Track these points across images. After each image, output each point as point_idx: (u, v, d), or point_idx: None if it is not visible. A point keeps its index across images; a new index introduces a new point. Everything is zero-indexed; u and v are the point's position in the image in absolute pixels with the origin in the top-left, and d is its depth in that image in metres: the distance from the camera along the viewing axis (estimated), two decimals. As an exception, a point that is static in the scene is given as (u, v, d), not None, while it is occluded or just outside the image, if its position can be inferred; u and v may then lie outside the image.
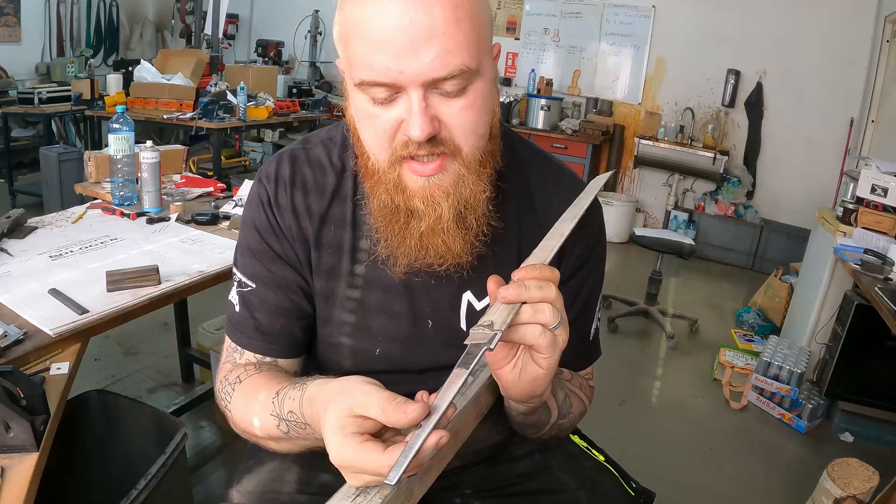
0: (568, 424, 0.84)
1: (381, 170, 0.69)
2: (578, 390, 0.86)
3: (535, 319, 0.60)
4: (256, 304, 0.81)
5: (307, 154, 0.82)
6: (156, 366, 2.47)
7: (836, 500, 1.71)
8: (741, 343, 3.00)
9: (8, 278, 1.29)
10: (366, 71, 0.63)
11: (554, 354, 0.62)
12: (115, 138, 1.78)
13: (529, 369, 0.63)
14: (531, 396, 0.67)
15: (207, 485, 1.87)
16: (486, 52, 0.66)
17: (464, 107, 0.65)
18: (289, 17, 6.07)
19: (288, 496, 0.83)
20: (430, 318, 0.81)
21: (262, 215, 0.80)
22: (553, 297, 0.60)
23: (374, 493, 0.57)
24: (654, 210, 5.20)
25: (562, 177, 0.86)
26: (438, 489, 0.85)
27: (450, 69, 0.61)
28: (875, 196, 2.51)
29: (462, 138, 0.67)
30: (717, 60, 4.68)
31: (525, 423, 0.79)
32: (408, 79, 0.61)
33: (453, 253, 0.71)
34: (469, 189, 0.69)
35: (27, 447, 0.85)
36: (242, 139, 4.98)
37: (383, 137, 0.67)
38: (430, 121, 0.63)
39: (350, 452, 0.56)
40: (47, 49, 5.31)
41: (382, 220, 0.72)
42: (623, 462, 0.94)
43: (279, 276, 0.80)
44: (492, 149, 0.72)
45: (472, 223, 0.71)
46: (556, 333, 0.61)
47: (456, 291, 0.80)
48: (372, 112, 0.66)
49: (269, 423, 0.71)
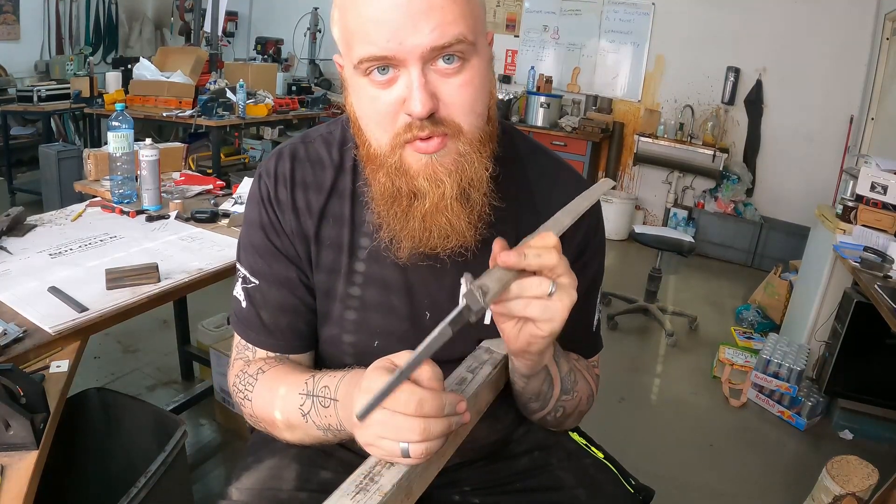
0: (573, 406, 0.83)
1: (382, 154, 0.70)
2: (585, 371, 0.86)
3: (522, 293, 0.60)
4: (261, 301, 0.82)
5: (307, 150, 0.83)
6: (155, 363, 2.47)
7: (835, 498, 1.71)
8: (741, 340, 3.00)
9: (7, 276, 1.28)
10: (365, 46, 0.64)
11: (555, 320, 0.61)
12: (114, 136, 1.78)
13: (528, 328, 0.63)
14: (527, 353, 0.67)
15: (207, 482, 1.87)
16: (481, 33, 0.68)
17: (462, 84, 0.66)
18: (288, 14, 6.06)
19: (287, 493, 0.83)
20: (429, 311, 0.81)
21: (263, 212, 0.81)
22: (553, 264, 0.59)
23: (373, 490, 0.57)
24: (654, 207, 5.20)
25: (560, 170, 0.87)
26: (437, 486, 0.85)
27: (449, 38, 0.63)
28: (875, 194, 2.51)
29: (461, 116, 0.67)
30: (717, 58, 4.68)
31: (526, 393, 0.79)
32: (407, 51, 0.62)
33: (457, 232, 0.72)
34: (472, 166, 0.70)
35: (27, 445, 0.85)
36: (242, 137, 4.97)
37: (385, 119, 0.67)
38: (429, 96, 0.64)
39: (378, 378, 0.58)
40: (46, 47, 5.30)
41: (384, 204, 0.73)
42: (622, 459, 0.94)
43: (281, 273, 0.81)
44: (490, 130, 0.73)
45: (475, 200, 0.71)
46: (548, 301, 0.60)
47: (455, 284, 0.80)
48: (372, 94, 0.67)
49: (294, 402, 0.72)
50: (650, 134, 4.83)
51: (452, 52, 0.64)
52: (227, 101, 3.85)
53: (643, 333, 3.28)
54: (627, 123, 5.15)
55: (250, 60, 5.85)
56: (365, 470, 0.60)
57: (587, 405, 0.87)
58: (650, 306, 3.35)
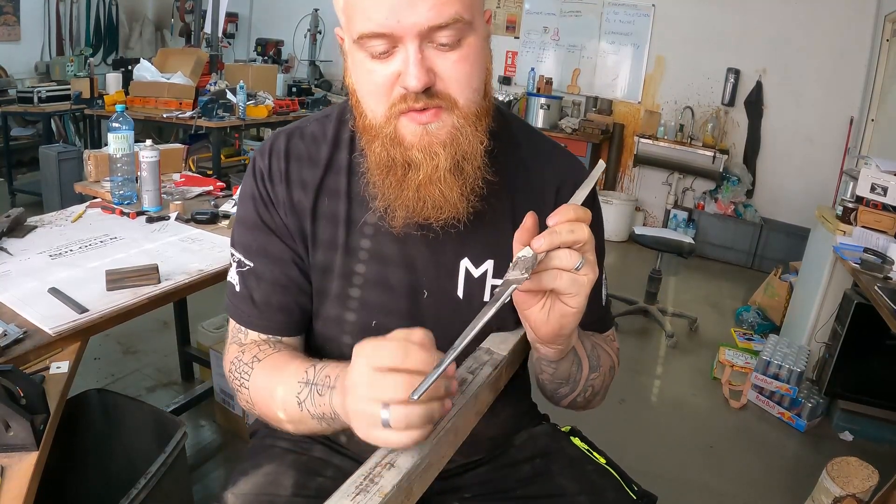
0: (600, 383, 0.84)
1: (377, 125, 0.71)
2: (604, 343, 0.87)
3: (553, 265, 0.61)
4: (254, 282, 0.82)
5: (301, 130, 0.85)
6: (155, 365, 2.47)
7: (835, 499, 1.71)
8: (741, 342, 3.00)
9: (7, 277, 1.29)
10: (365, 23, 0.65)
11: (580, 294, 0.62)
12: (114, 137, 1.78)
13: (557, 307, 0.64)
14: (559, 336, 0.67)
15: (207, 483, 1.87)
16: (478, 12, 0.69)
17: (458, 59, 0.67)
18: (288, 15, 6.07)
19: (284, 500, 0.82)
20: (427, 289, 0.81)
21: (255, 187, 0.82)
22: (585, 238, 0.60)
23: (374, 491, 0.57)
24: (654, 209, 5.20)
25: (554, 149, 0.89)
26: (438, 492, 0.85)
27: (445, 17, 0.64)
28: (875, 195, 2.51)
29: (457, 91, 0.69)
30: (717, 59, 4.68)
31: (557, 378, 0.79)
32: (405, 28, 0.64)
33: (450, 203, 0.72)
34: (467, 140, 0.71)
35: (27, 446, 0.85)
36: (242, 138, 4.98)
37: (380, 91, 0.69)
38: (425, 71, 0.66)
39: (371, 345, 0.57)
40: (47, 48, 5.30)
41: (379, 174, 0.73)
42: (622, 460, 0.94)
43: (274, 251, 0.81)
44: (486, 106, 0.74)
45: (469, 172, 0.72)
46: (577, 274, 0.61)
47: (454, 258, 0.82)
48: (370, 67, 0.68)
49: (293, 391, 0.71)
50: (650, 135, 4.83)
51: (449, 30, 0.65)
52: (228, 103, 3.86)
53: (643, 335, 3.28)
54: (627, 125, 5.15)
55: (250, 62, 5.86)
56: (365, 471, 0.60)
57: (611, 378, 0.88)
58: (650, 308, 3.35)
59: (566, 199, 0.71)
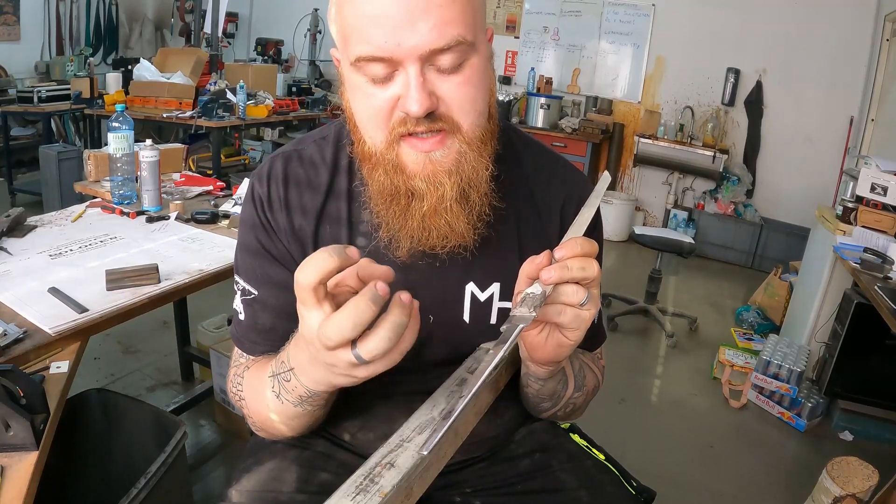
0: (582, 401, 0.85)
1: (378, 151, 0.69)
2: (591, 363, 0.88)
3: (560, 300, 0.61)
4: (259, 309, 0.81)
5: (299, 154, 0.82)
6: (155, 364, 2.47)
7: (835, 499, 1.71)
8: (741, 341, 3.00)
9: (7, 277, 1.28)
10: (363, 46, 0.63)
11: (581, 328, 0.63)
12: (114, 137, 1.78)
13: (556, 337, 0.64)
14: (552, 362, 0.68)
15: (207, 483, 1.87)
16: (480, 30, 0.67)
17: (461, 82, 0.65)
18: (288, 15, 6.07)
19: (287, 496, 0.83)
20: (432, 313, 0.80)
21: (255, 215, 0.80)
22: (594, 276, 0.60)
23: (374, 491, 0.57)
24: (654, 208, 5.20)
25: (557, 164, 0.87)
26: (438, 487, 0.85)
27: (447, 40, 0.62)
28: (875, 195, 2.51)
29: (461, 114, 0.67)
30: (717, 59, 4.68)
31: (541, 395, 0.79)
32: (405, 52, 0.61)
33: (456, 233, 0.71)
34: (471, 166, 0.69)
35: (27, 446, 0.85)
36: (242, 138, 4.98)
37: (380, 115, 0.66)
38: (427, 95, 0.63)
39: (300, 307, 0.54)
40: (47, 47, 5.30)
41: (382, 203, 0.72)
42: (622, 460, 0.94)
43: (276, 278, 0.80)
44: (492, 129, 0.72)
45: (475, 201, 0.71)
46: (580, 310, 0.61)
47: (459, 283, 0.80)
48: (368, 91, 0.66)
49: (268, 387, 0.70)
50: (650, 135, 4.83)
51: (451, 53, 0.63)
52: (228, 102, 3.86)
53: (643, 335, 3.28)
54: (627, 124, 5.15)
55: (250, 61, 5.86)
56: (365, 471, 0.60)
57: (593, 396, 0.89)
58: (650, 307, 3.35)
59: (571, 214, 0.71)
